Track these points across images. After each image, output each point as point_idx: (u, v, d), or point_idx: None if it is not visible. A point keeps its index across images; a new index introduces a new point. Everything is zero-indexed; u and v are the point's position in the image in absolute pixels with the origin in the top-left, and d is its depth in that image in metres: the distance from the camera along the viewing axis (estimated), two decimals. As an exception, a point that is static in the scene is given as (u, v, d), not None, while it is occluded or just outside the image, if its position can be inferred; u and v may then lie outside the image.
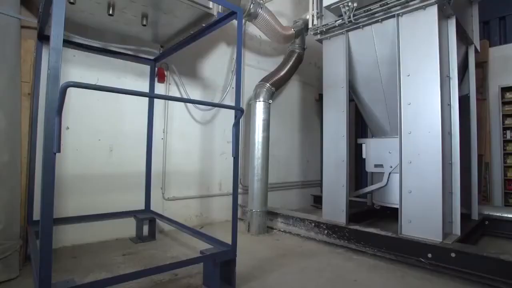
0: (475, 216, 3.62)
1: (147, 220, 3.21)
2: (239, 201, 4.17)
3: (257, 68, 4.66)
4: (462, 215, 2.95)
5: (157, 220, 3.28)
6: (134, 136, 3.38)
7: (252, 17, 3.86)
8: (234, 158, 2.24)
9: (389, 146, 3.37)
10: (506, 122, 4.97)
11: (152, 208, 3.43)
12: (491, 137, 5.07)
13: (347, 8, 3.15)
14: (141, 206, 3.39)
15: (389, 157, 3.37)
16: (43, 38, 2.72)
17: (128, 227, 3.22)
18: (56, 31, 1.39)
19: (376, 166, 3.51)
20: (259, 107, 3.81)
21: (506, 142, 4.96)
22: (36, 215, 2.63)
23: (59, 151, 1.38)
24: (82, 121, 3.04)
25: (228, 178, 4.17)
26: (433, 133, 2.73)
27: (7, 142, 2.30)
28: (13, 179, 2.36)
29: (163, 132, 3.66)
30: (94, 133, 3.11)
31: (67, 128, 2.94)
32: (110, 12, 2.47)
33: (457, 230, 2.87)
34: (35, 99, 2.70)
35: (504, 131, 4.96)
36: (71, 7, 2.40)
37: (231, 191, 2.34)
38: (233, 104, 2.50)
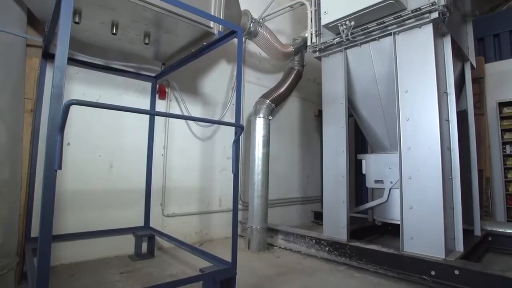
0: (477, 232, 3.59)
1: (146, 237, 3.18)
2: (239, 218, 4.13)
3: (257, 85, 4.72)
4: (464, 231, 2.92)
5: (156, 237, 3.24)
6: (134, 152, 3.39)
7: (252, 35, 3.95)
8: (234, 174, 2.24)
9: (389, 162, 3.38)
10: (505, 136, 4.99)
11: (152, 224, 3.40)
12: (490, 152, 5.08)
13: (344, 26, 3.22)
14: (141, 222, 3.36)
15: (389, 173, 3.36)
16: (48, 56, 2.78)
17: (127, 244, 3.18)
18: (61, 50, 1.43)
19: (376, 181, 3.50)
20: (259, 123, 3.84)
21: (506, 156, 4.96)
22: (34, 232, 2.60)
23: (60, 168, 1.38)
24: (83, 137, 3.06)
25: (228, 194, 4.15)
26: (432, 148, 2.75)
27: (8, 158, 2.31)
28: (13, 195, 2.36)
29: (164, 148, 3.67)
30: (94, 149, 3.12)
31: (68, 144, 2.96)
32: (114, 31, 2.54)
33: (460, 246, 2.84)
34: (37, 115, 2.73)
35: (504, 146, 4.98)
36: (75, 26, 2.46)
37: (231, 207, 2.33)
38: (233, 120, 2.53)
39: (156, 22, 2.49)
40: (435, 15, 2.80)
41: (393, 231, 4.11)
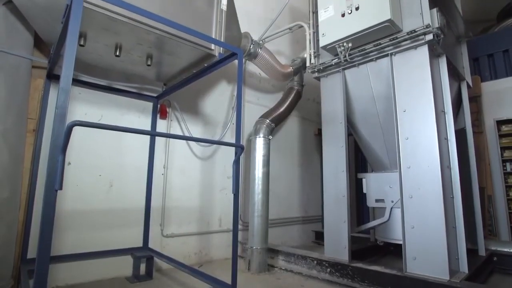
0: (482, 251, 3.53)
1: (145, 258, 3.12)
2: (239, 238, 4.07)
3: (257, 104, 4.78)
4: (468, 251, 2.87)
5: (155, 258, 3.19)
6: (134, 171, 3.39)
7: (252, 56, 4.04)
8: (234, 195, 2.24)
9: (389, 181, 3.37)
10: (505, 154, 4.99)
11: (151, 245, 3.35)
12: (491, 170, 5.07)
13: (342, 48, 3.30)
14: (140, 243, 3.31)
15: (390, 192, 3.35)
16: (52, 77, 2.83)
17: (125, 265, 3.12)
18: (66, 72, 1.47)
19: (377, 201, 3.48)
20: (259, 143, 3.86)
21: (506, 174, 4.95)
22: (30, 253, 2.57)
23: (60, 188, 1.39)
24: (84, 156, 3.07)
25: (228, 214, 4.12)
26: (432, 167, 2.75)
27: (9, 178, 2.31)
28: (11, 214, 2.35)
29: (164, 168, 3.67)
30: (95, 169, 3.13)
31: (69, 163, 2.96)
32: (117, 54, 2.60)
33: (464, 267, 2.78)
34: (39, 135, 2.76)
35: (504, 164, 4.97)
36: (80, 48, 2.53)
37: (231, 227, 2.32)
38: (233, 139, 2.55)
39: (159, 44, 2.56)
40: (429, 37, 2.88)
41: (396, 251, 4.04)
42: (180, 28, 2.16)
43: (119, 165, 3.29)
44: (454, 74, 3.66)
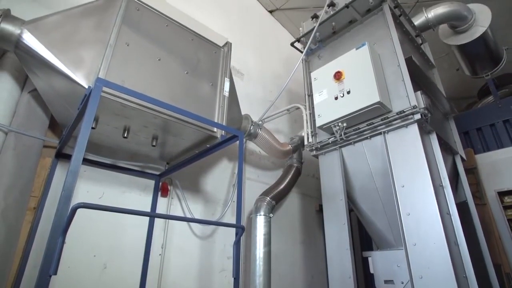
0: None
1: None
2: (240, 328, 3.68)
3: (257, 181, 4.83)
4: None
5: None
6: (131, 251, 3.25)
7: (252, 136, 4.25)
8: (234, 279, 2.13)
9: (396, 259, 3.20)
10: (514, 227, 4.82)
11: (141, 338, 3.02)
12: (503, 245, 4.83)
13: (337, 127, 3.49)
14: (129, 335, 3.00)
15: (398, 271, 3.16)
16: (60, 156, 2.94)
17: None
18: (77, 155, 1.56)
19: (386, 282, 3.25)
20: (260, 222, 3.80)
21: (520, 249, 4.70)
22: None
23: (55, 273, 1.35)
24: (80, 235, 2.97)
25: (227, 298, 3.80)
26: (438, 244, 2.65)
27: (1, 259, 2.23)
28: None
29: (162, 248, 3.53)
30: (90, 249, 3.00)
31: (64, 243, 2.87)
32: (125, 135, 2.76)
33: None
34: (38, 213, 2.73)
35: (515, 237, 4.76)
36: (90, 131, 2.69)
37: (231, 315, 2.13)
38: (234, 218, 2.53)
39: (165, 127, 2.74)
40: (417, 116, 3.07)
41: None
42: (186, 114, 2.34)
43: (115, 244, 3.17)
44: (447, 149, 3.80)
